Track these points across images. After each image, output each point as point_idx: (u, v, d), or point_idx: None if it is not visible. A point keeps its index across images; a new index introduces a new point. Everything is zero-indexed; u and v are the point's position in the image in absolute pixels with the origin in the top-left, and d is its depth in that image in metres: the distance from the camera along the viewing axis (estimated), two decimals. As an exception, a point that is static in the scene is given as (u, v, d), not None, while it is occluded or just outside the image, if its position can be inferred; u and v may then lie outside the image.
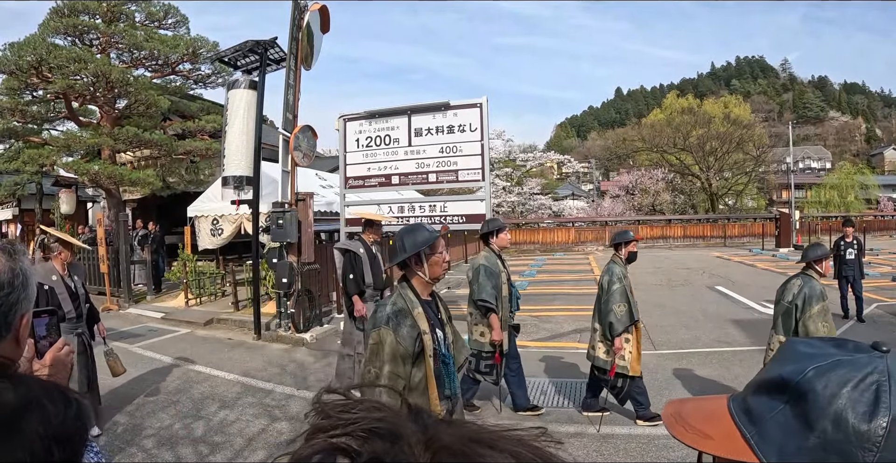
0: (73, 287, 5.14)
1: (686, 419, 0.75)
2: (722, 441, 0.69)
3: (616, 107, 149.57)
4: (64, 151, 15.14)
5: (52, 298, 4.90)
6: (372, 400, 0.49)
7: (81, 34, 14.96)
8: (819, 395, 0.63)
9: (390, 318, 2.53)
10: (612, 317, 4.87)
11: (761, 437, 0.66)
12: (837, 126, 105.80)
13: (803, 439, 0.62)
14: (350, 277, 5.84)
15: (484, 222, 5.50)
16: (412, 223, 3.03)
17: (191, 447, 4.72)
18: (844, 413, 0.60)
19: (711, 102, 56.10)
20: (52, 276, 5.00)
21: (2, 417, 0.66)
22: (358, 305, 5.81)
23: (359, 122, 8.65)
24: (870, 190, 45.51)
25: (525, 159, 40.06)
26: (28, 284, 1.07)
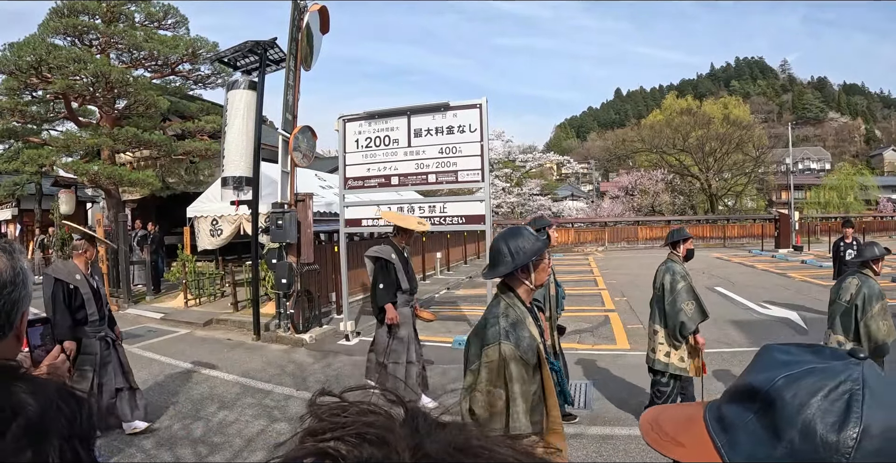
0: (96, 287, 4.93)
1: (662, 426, 0.74)
2: (693, 449, 0.69)
3: (616, 108, 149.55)
4: (63, 152, 15.12)
5: (77, 299, 4.71)
6: (365, 402, 0.49)
7: (81, 34, 14.93)
8: (787, 404, 0.61)
9: (509, 331, 2.31)
10: (683, 316, 4.80)
11: (731, 446, 0.65)
12: (837, 127, 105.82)
13: (771, 449, 0.61)
14: (380, 287, 5.63)
15: (531, 220, 5.40)
16: (511, 226, 2.72)
17: (190, 448, 4.72)
18: (813, 423, 0.59)
19: (711, 103, 56.16)
20: (75, 275, 4.76)
21: (29, 419, 0.67)
22: (391, 313, 5.59)
23: (358, 122, 8.65)
24: (869, 191, 45.61)
25: (524, 160, 40.08)
26: (28, 282, 1.08)
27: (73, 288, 4.69)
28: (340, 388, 2.03)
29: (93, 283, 4.88)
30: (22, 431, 0.65)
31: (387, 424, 0.46)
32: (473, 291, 13.85)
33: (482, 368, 2.31)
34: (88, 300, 4.74)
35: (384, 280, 5.64)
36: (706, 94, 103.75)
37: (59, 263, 5.05)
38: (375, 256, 5.76)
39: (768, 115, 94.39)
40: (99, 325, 4.87)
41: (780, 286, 12.88)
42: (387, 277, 5.65)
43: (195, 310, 11.23)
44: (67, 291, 4.68)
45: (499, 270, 2.46)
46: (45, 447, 0.66)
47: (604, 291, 13.09)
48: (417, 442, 0.44)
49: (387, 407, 0.49)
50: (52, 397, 0.72)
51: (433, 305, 11.81)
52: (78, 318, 4.72)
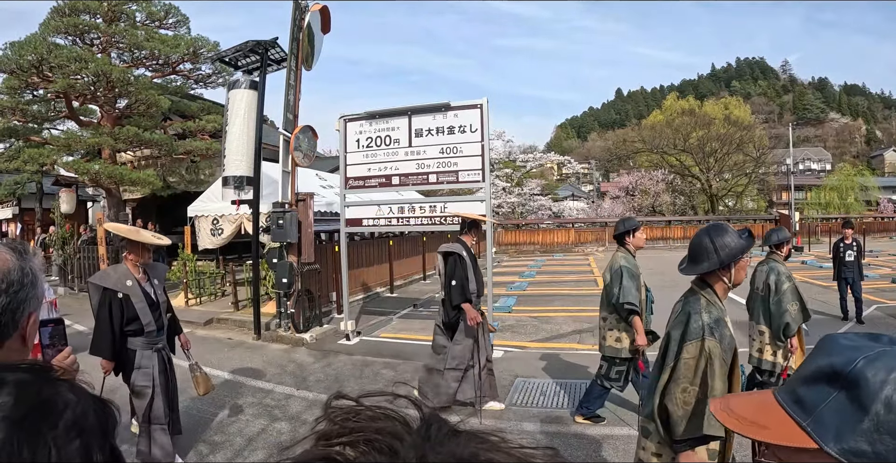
0: (153, 294, 4.33)
1: (737, 412, 0.82)
2: (777, 430, 0.76)
3: (616, 108, 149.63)
4: (64, 151, 15.13)
5: (128, 308, 4.15)
6: (380, 407, 0.49)
7: (82, 34, 14.95)
8: (871, 381, 0.69)
9: (713, 328, 2.24)
10: (788, 317, 4.80)
11: (817, 423, 0.72)
12: (837, 128, 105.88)
13: (857, 422, 0.68)
14: (453, 284, 5.30)
15: (619, 221, 5.17)
16: (714, 222, 2.67)
17: (190, 447, 4.72)
18: (895, 397, 0.67)
19: (711, 104, 56.15)
20: (126, 280, 4.17)
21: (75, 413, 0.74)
22: (472, 313, 5.26)
23: (359, 122, 8.66)
24: (870, 191, 45.62)
25: (525, 160, 40.06)
26: (37, 284, 1.08)
27: (123, 296, 4.15)
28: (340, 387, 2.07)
29: (148, 289, 4.30)
30: (73, 422, 0.72)
31: (397, 431, 0.46)
32: (474, 290, 13.83)
33: (680, 364, 2.25)
34: (141, 309, 4.17)
35: (458, 277, 5.32)
36: (707, 94, 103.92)
37: (108, 268, 4.48)
38: (448, 251, 5.46)
39: (769, 115, 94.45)
40: (156, 335, 4.29)
41: (781, 287, 12.86)
42: (462, 274, 5.33)
43: (196, 309, 11.23)
44: (115, 300, 4.12)
45: (702, 266, 2.40)
46: (90, 440, 0.73)
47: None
48: (424, 453, 0.43)
49: (403, 413, 0.49)
50: (88, 397, 0.78)
51: (433, 305, 11.81)
52: (130, 329, 4.17)
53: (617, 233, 5.04)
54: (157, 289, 4.36)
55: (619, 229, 5.02)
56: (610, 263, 4.95)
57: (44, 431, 0.69)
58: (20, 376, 0.74)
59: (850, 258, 9.38)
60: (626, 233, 4.96)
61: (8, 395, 0.70)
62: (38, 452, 0.67)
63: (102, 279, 4.19)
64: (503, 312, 10.38)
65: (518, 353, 7.69)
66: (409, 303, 11.92)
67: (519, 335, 8.73)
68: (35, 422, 0.69)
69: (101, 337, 4.13)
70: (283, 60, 9.08)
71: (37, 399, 0.72)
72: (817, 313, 9.69)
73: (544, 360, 7.23)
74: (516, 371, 6.71)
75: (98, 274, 4.34)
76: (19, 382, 0.73)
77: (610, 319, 4.93)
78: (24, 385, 0.73)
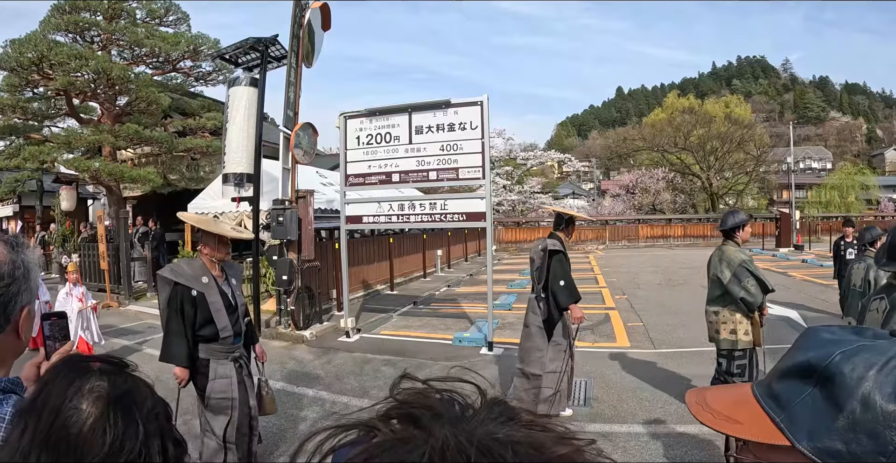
0: (231, 295, 3.83)
1: (712, 406, 0.78)
2: (751, 425, 0.72)
3: (617, 106, 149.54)
4: (65, 148, 15.12)
5: (202, 310, 3.65)
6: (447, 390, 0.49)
7: (82, 31, 14.93)
8: (847, 377, 0.65)
9: None
10: None
11: (790, 420, 0.68)
12: (838, 126, 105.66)
13: (832, 420, 0.65)
14: (562, 284, 4.96)
15: (728, 215, 5.10)
16: None
17: (191, 443, 4.70)
18: (872, 394, 0.63)
19: (712, 102, 55.96)
20: (202, 276, 3.70)
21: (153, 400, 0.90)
22: (577, 313, 4.98)
23: (359, 119, 8.65)
24: (870, 190, 45.52)
25: (526, 158, 40.02)
26: (30, 276, 1.07)
27: (198, 294, 3.65)
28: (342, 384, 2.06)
29: (225, 289, 3.80)
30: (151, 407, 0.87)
31: (438, 408, 0.45)
32: (474, 288, 13.85)
33: None
34: (218, 312, 3.68)
35: (565, 276, 5.00)
36: (708, 92, 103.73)
37: (182, 261, 4.00)
38: (555, 249, 5.07)
39: (770, 114, 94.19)
40: (233, 342, 3.80)
41: (781, 285, 12.87)
42: (567, 273, 5.04)
43: (196, 307, 11.22)
44: (188, 298, 3.64)
45: None
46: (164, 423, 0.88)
47: (604, 289, 13.09)
48: (461, 429, 0.43)
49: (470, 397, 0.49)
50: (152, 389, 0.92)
51: (433, 303, 11.82)
52: (202, 335, 3.71)
53: (727, 227, 5.03)
54: (236, 290, 3.90)
55: (730, 223, 5.00)
56: (721, 257, 4.94)
57: (134, 410, 0.84)
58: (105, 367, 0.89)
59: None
60: (737, 227, 4.97)
61: (100, 379, 0.85)
62: (129, 426, 0.81)
63: (174, 273, 3.72)
64: (503, 310, 10.38)
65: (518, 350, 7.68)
66: (409, 300, 11.93)
67: (519, 333, 8.70)
68: (128, 403, 0.84)
69: (174, 340, 3.69)
70: (283, 57, 9.07)
71: (126, 385, 0.87)
72: (818, 312, 9.71)
73: (544, 357, 7.22)
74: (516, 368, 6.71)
75: (169, 266, 3.89)
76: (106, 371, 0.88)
77: (723, 312, 4.95)
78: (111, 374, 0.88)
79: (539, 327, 5.17)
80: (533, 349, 5.19)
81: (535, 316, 5.22)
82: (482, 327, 8.31)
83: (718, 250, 5.05)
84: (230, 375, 3.74)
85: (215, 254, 3.77)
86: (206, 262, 3.76)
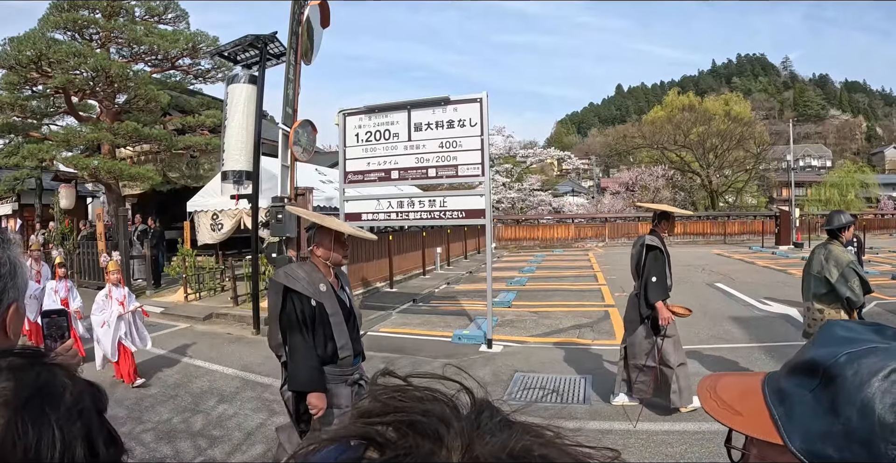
0: (350, 305, 3.28)
1: (719, 394, 0.75)
2: (750, 419, 0.69)
3: (617, 104, 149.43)
4: (63, 146, 15.12)
5: (321, 324, 3.06)
6: (430, 388, 0.46)
7: (81, 29, 14.92)
8: (848, 381, 0.61)
9: None
10: None
11: (788, 418, 0.65)
12: (838, 124, 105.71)
13: (828, 425, 0.61)
14: (653, 280, 4.89)
15: (834, 215, 5.11)
16: None
17: (189, 441, 4.72)
18: (872, 403, 0.58)
19: (712, 100, 56.01)
20: (320, 284, 3.08)
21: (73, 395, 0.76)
22: (664, 313, 4.87)
23: (358, 116, 8.63)
24: (870, 189, 45.48)
25: (525, 155, 40.06)
26: (17, 273, 1.06)
27: (317, 305, 3.04)
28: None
29: (343, 298, 3.23)
30: (72, 404, 0.74)
31: (445, 415, 0.42)
32: (473, 285, 13.85)
33: None
34: (338, 326, 3.09)
35: (658, 273, 4.92)
36: (707, 90, 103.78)
37: (294, 264, 3.25)
38: (652, 244, 5.00)
39: (769, 112, 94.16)
40: (354, 363, 3.22)
41: (781, 283, 12.87)
42: (661, 270, 4.95)
43: (195, 304, 11.24)
44: (307, 309, 3.03)
45: None
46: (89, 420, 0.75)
47: (604, 286, 13.09)
48: (470, 442, 0.40)
49: (454, 397, 0.46)
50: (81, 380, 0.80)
51: (433, 301, 11.82)
52: (318, 355, 3.06)
53: (834, 226, 5.08)
54: (352, 299, 3.32)
55: (836, 223, 5.06)
56: (828, 256, 5.00)
57: (47, 413, 0.70)
58: (15, 361, 0.75)
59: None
60: (843, 227, 5.04)
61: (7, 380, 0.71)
62: (43, 433, 0.68)
63: (290, 278, 3.07)
64: (503, 307, 10.38)
65: (517, 347, 7.68)
66: (408, 298, 11.92)
67: (518, 330, 8.73)
68: (38, 405, 0.70)
69: (304, 361, 3.02)
70: (282, 55, 9.06)
71: (37, 383, 0.73)
72: (817, 309, 9.69)
73: (544, 354, 7.23)
74: (515, 366, 6.72)
75: (283, 271, 3.16)
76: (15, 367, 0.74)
77: (828, 310, 5.01)
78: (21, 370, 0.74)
79: (639, 321, 5.15)
80: (639, 343, 5.14)
81: (633, 311, 5.21)
82: (482, 325, 8.30)
83: (824, 249, 5.07)
84: (346, 404, 3.11)
85: (331, 256, 3.18)
86: (320, 266, 3.16)
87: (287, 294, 3.05)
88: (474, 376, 0.50)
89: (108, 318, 6.27)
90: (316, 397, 3.00)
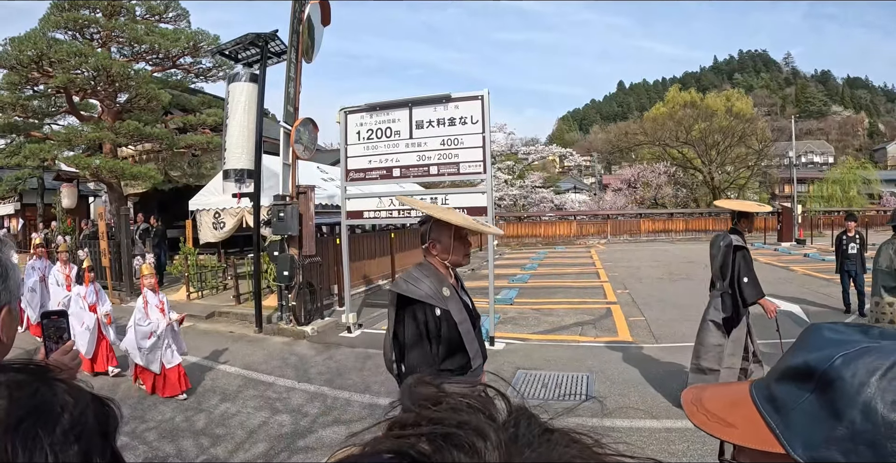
0: (472, 308, 2.86)
1: (707, 406, 0.73)
2: (745, 430, 0.67)
3: (618, 100, 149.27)
4: (65, 146, 15.14)
5: (451, 333, 2.63)
6: (465, 396, 0.44)
7: (82, 28, 14.92)
8: (848, 383, 0.60)
9: None
10: None
11: (787, 426, 0.64)
12: (840, 121, 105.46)
13: (831, 429, 0.60)
14: (745, 281, 4.92)
15: None
16: None
17: (192, 439, 4.73)
18: (873, 402, 0.58)
19: (714, 96, 55.71)
20: (442, 288, 2.65)
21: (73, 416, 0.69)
22: (770, 306, 4.93)
23: (360, 114, 8.63)
24: (872, 185, 45.44)
25: (527, 152, 39.96)
26: (9, 276, 1.05)
27: (442, 313, 2.61)
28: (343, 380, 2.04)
29: (466, 300, 2.82)
30: (70, 426, 0.67)
31: (482, 427, 0.40)
32: (475, 283, 13.80)
33: None
34: (467, 334, 2.67)
35: (748, 272, 4.96)
36: (709, 87, 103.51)
37: (412, 269, 2.77)
38: (739, 244, 5.03)
39: (771, 108, 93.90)
40: (480, 372, 2.80)
41: (783, 280, 12.85)
42: (751, 269, 5.00)
43: (197, 303, 11.25)
44: (432, 319, 2.60)
45: None
46: (89, 444, 0.69)
47: (606, 283, 13.08)
48: (510, 455, 0.39)
49: (490, 405, 0.44)
50: (86, 398, 0.74)
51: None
52: (449, 368, 2.67)
53: None
54: (470, 301, 2.87)
55: None
56: None
57: (41, 436, 0.65)
58: (13, 377, 0.70)
59: (853, 251, 9.38)
60: None
61: (1, 398, 0.66)
62: (35, 458, 0.63)
63: (410, 287, 2.64)
64: (505, 305, 10.38)
65: (519, 345, 7.69)
66: (410, 296, 11.90)
67: (520, 327, 8.73)
68: (32, 427, 0.65)
69: None
70: (283, 53, 9.05)
71: (33, 402, 0.68)
72: (820, 306, 9.68)
73: (546, 352, 7.23)
74: (517, 363, 6.72)
75: (402, 278, 2.72)
76: (13, 384, 0.69)
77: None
78: (18, 387, 0.69)
79: (718, 323, 5.14)
80: (710, 344, 5.13)
81: (715, 311, 5.18)
82: (484, 322, 8.29)
83: (892, 245, 5.21)
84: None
85: (450, 256, 2.74)
86: (439, 267, 2.74)
87: (407, 304, 2.64)
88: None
89: (154, 328, 5.69)
90: None
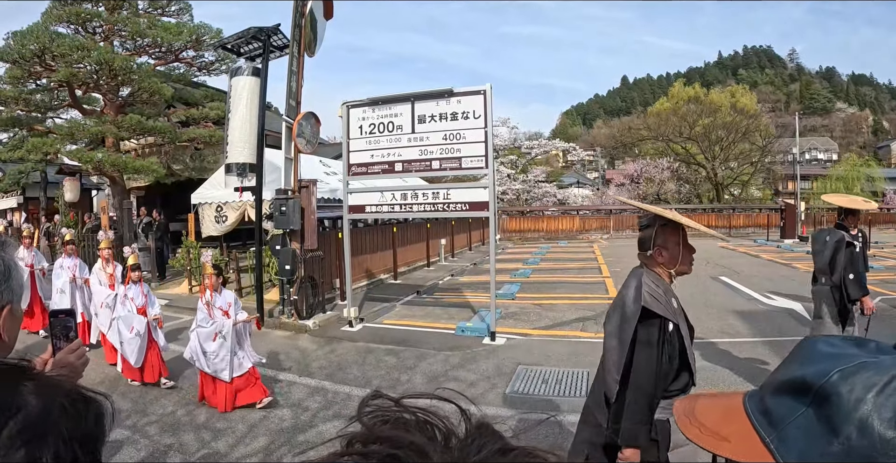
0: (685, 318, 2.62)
1: (700, 419, 0.73)
2: (739, 444, 0.67)
3: (622, 95, 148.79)
4: (68, 140, 15.13)
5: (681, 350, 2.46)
6: (424, 411, 0.44)
7: (84, 22, 14.90)
8: (844, 399, 0.59)
9: None
10: None
11: (781, 441, 0.63)
12: (844, 118, 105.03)
13: (826, 445, 0.59)
14: (850, 278, 4.98)
15: None
16: None
17: (193, 433, 4.74)
18: (870, 419, 0.57)
19: (718, 92, 55.60)
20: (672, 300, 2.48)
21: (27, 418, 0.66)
22: (869, 303, 5.05)
23: (362, 108, 8.62)
24: (876, 182, 45.26)
25: (530, 147, 39.88)
26: (11, 275, 1.04)
27: (674, 328, 2.41)
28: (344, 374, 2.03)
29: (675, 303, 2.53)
30: (18, 430, 0.65)
31: (426, 448, 0.40)
32: (477, 277, 13.84)
33: None
34: (690, 347, 2.53)
35: (855, 269, 5.02)
36: (713, 82, 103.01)
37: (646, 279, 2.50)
38: (850, 241, 5.12)
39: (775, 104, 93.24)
40: None
41: (785, 277, 12.83)
42: (857, 265, 5.05)
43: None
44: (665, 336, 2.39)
45: None
46: (39, 447, 0.65)
47: (608, 279, 13.06)
48: None
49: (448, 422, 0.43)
50: (57, 397, 0.70)
51: (436, 292, 11.82)
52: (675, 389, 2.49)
53: None
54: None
55: None
56: None
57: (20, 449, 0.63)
58: None
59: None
60: None
61: None
62: None
63: (654, 301, 2.38)
64: (506, 299, 10.37)
65: (521, 340, 7.69)
66: (412, 290, 11.93)
67: (522, 322, 8.73)
68: None
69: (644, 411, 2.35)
70: (285, 47, 9.03)
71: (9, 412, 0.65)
72: (822, 302, 9.66)
73: (547, 347, 7.23)
74: (518, 358, 6.72)
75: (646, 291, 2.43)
76: None
77: None
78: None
79: (835, 317, 5.23)
80: None
81: (829, 307, 5.28)
82: (485, 317, 8.30)
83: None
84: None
85: (679, 264, 2.51)
86: (665, 276, 2.50)
87: (647, 318, 2.36)
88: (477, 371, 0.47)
89: (220, 328, 5.35)
90: (631, 452, 2.32)
